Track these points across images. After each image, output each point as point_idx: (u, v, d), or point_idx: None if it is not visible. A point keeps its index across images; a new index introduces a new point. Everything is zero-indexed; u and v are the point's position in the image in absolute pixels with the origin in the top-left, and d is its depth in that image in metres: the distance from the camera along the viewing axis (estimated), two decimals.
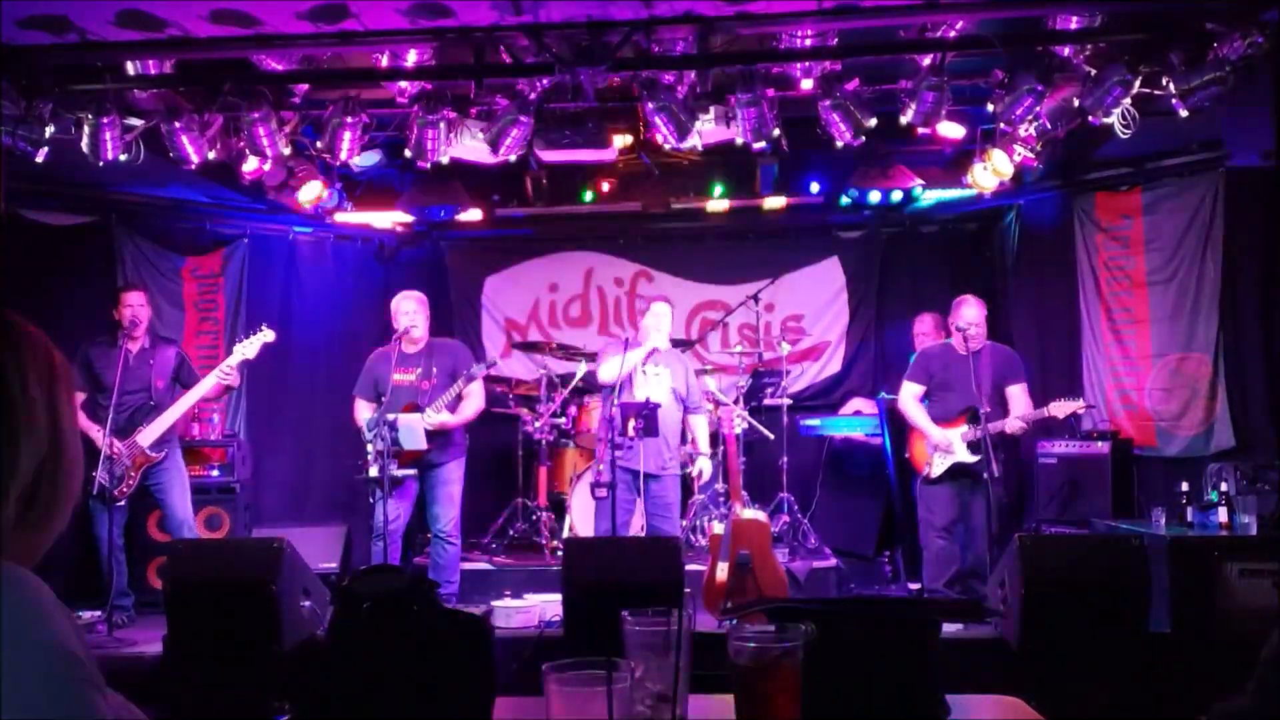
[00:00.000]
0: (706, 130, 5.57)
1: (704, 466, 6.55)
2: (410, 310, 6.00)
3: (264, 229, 7.72)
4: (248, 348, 5.89)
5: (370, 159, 6.51)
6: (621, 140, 6.26)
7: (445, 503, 5.98)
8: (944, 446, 5.90)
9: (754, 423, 7.07)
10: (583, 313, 8.52)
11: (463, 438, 6.10)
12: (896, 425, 6.64)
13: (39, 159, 5.27)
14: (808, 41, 5.11)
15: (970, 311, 5.96)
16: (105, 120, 5.27)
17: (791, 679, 1.35)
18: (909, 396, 6.11)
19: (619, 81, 5.40)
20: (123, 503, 5.75)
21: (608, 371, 6.10)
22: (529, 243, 8.52)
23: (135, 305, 5.89)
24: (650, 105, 5.19)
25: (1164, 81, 4.87)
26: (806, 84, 5.42)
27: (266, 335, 5.95)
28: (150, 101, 5.57)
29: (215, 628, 4.58)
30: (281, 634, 4.51)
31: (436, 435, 5.88)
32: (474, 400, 6.00)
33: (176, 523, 5.88)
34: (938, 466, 5.93)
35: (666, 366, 6.21)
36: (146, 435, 5.75)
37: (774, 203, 7.62)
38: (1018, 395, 5.92)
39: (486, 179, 7.34)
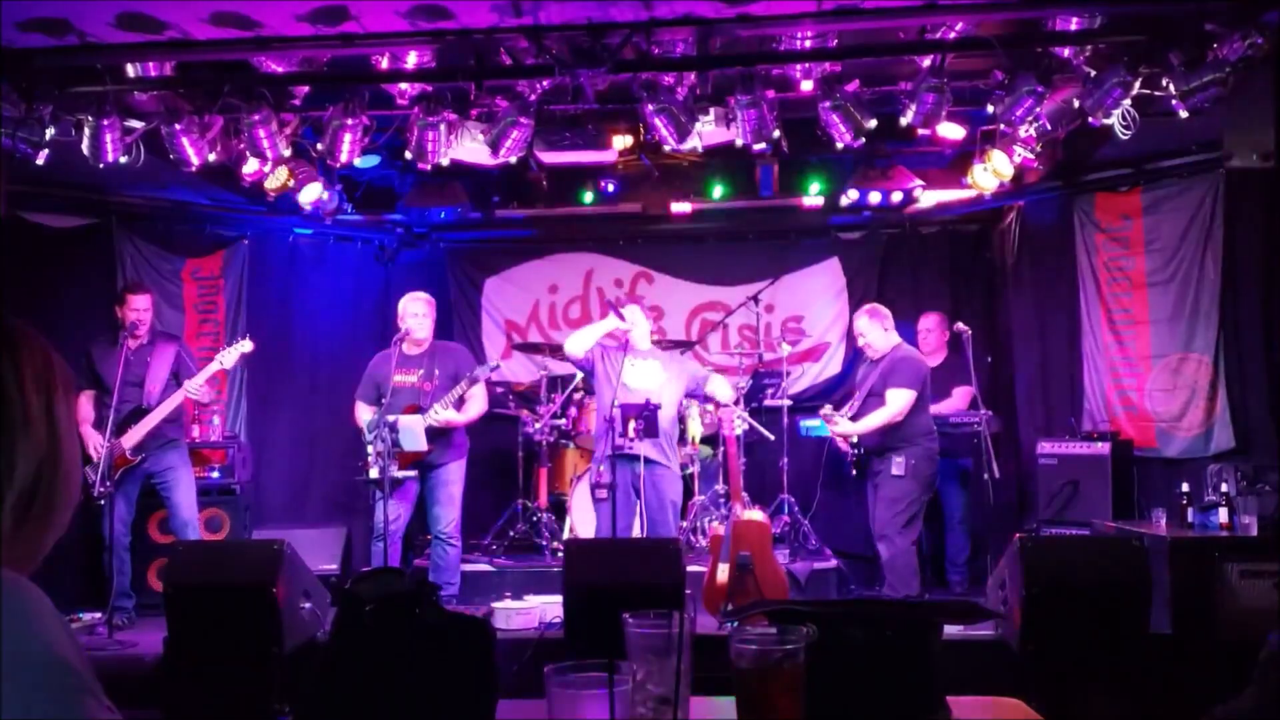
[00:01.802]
0: (706, 132, 5.57)
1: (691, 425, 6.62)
2: (419, 312, 6.02)
3: (264, 231, 7.72)
4: (226, 357, 5.91)
5: (370, 161, 6.51)
6: (621, 142, 6.26)
7: (446, 504, 5.98)
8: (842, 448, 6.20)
9: (754, 424, 7.07)
10: (583, 314, 8.51)
11: (464, 439, 6.11)
12: None
13: (39, 161, 5.27)
14: (808, 43, 5.11)
15: (858, 323, 6.26)
16: (105, 122, 5.27)
17: (793, 681, 1.35)
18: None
19: (619, 83, 5.40)
20: (102, 502, 5.69)
21: (574, 343, 6.11)
22: (529, 244, 8.53)
23: (140, 310, 5.89)
24: (650, 107, 5.19)
25: (1164, 82, 4.87)
26: (806, 85, 5.42)
27: (244, 346, 5.96)
28: (150, 103, 5.57)
29: (215, 630, 4.57)
30: (282, 636, 4.50)
31: (438, 436, 5.89)
32: (477, 402, 6.02)
33: (180, 523, 5.88)
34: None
35: (655, 359, 6.19)
36: (129, 437, 5.76)
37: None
38: (889, 399, 5.97)
39: (486, 181, 7.34)
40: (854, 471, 6.20)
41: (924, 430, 6.02)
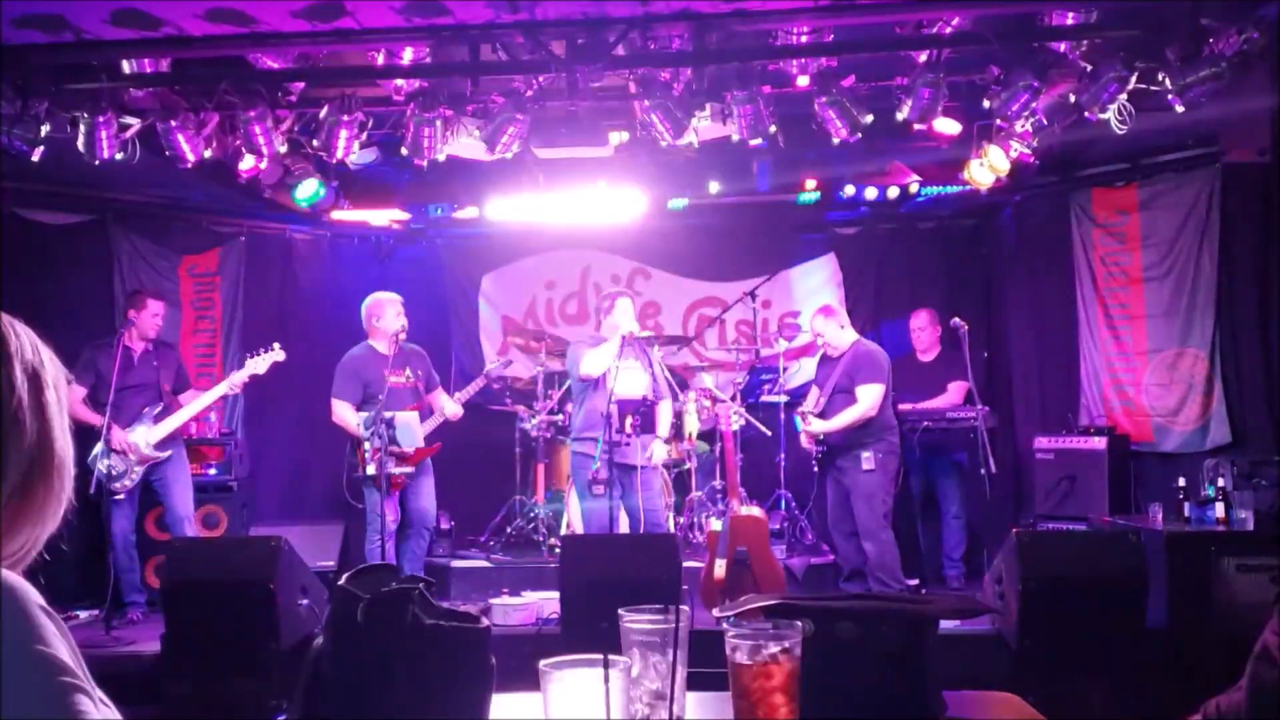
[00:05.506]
0: (703, 127, 5.56)
1: (656, 450, 6.19)
2: (400, 311, 6.11)
3: (260, 227, 7.71)
4: (258, 364, 5.99)
5: (367, 157, 6.50)
6: (618, 137, 6.25)
7: (429, 495, 6.10)
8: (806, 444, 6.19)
9: (751, 419, 7.07)
10: (579, 310, 8.51)
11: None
12: None
13: (35, 158, 5.26)
14: (804, 38, 5.10)
15: (814, 324, 6.28)
16: (101, 119, 5.26)
17: (789, 676, 1.36)
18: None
19: (615, 79, 5.39)
20: (121, 497, 5.76)
21: (592, 364, 5.96)
22: (526, 240, 8.51)
23: (159, 315, 6.06)
24: (646, 103, 5.19)
25: (1160, 77, 4.86)
26: (803, 81, 5.42)
27: (277, 355, 6.05)
28: (146, 100, 5.56)
29: (213, 627, 4.58)
30: (279, 633, 4.51)
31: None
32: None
33: (176, 519, 5.92)
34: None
35: (635, 359, 6.16)
36: (154, 434, 5.84)
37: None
38: (860, 395, 5.95)
39: (483, 176, 7.33)
40: (815, 468, 6.21)
41: (889, 425, 6.05)
